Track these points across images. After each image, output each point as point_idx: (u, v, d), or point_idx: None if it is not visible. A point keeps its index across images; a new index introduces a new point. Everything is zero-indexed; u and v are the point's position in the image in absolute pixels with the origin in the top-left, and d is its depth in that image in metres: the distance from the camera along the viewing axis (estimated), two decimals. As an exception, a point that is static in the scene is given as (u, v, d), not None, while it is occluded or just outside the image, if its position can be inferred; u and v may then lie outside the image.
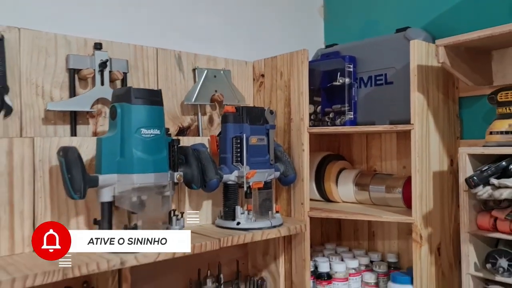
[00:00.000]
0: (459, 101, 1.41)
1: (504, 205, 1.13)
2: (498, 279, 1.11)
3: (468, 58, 1.23)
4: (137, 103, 0.99)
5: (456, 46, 1.16)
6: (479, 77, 1.27)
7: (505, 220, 1.11)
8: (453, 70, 1.20)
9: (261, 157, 1.26)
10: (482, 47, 1.24)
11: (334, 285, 1.40)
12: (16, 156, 0.97)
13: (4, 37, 1.05)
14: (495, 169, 1.09)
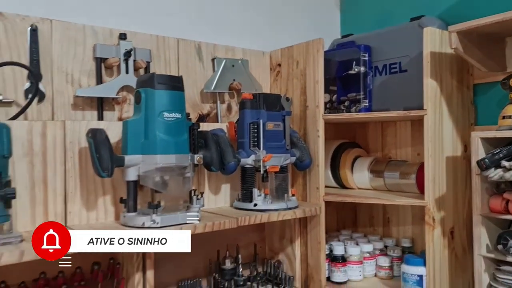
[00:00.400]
0: (473, 88, 1.43)
1: None
2: (509, 260, 1.14)
3: (482, 45, 1.25)
4: (160, 88, 1.05)
5: (468, 32, 1.19)
6: (493, 63, 1.29)
7: None
8: (466, 56, 1.22)
9: (277, 142, 1.31)
10: (496, 33, 1.26)
11: (349, 268, 1.44)
12: (49, 138, 1.04)
13: (38, 28, 1.12)
14: (506, 152, 1.11)
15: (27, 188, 1.01)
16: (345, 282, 1.44)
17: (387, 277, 1.47)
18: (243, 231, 1.48)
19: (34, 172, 1.03)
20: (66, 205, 1.07)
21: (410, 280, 1.31)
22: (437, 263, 1.28)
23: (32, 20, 1.13)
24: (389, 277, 1.47)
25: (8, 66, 1.05)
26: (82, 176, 1.09)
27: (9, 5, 1.11)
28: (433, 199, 1.27)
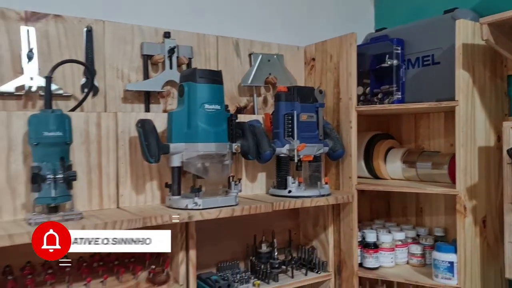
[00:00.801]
0: (507, 79, 1.44)
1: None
2: (539, 248, 1.16)
3: (511, 36, 1.26)
4: (201, 82, 1.15)
5: (500, 24, 1.20)
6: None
7: (547, 190, 1.15)
8: (497, 48, 1.24)
9: (311, 132, 1.38)
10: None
11: (381, 254, 1.49)
12: (103, 128, 1.16)
13: (92, 28, 1.24)
14: (537, 141, 1.13)
15: (84, 173, 1.13)
16: (377, 268, 1.48)
17: (419, 265, 1.51)
18: (279, 218, 1.56)
19: (90, 158, 1.15)
20: (118, 189, 1.19)
21: (441, 267, 1.34)
22: (468, 251, 1.31)
23: (88, 21, 1.25)
24: (421, 265, 1.50)
25: (67, 64, 1.17)
26: (132, 163, 1.20)
27: (68, 8, 1.24)
28: (465, 188, 1.30)
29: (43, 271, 1.12)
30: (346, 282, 1.49)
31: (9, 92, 1.13)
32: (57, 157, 1.00)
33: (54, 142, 1.00)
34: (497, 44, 1.23)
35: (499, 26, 1.21)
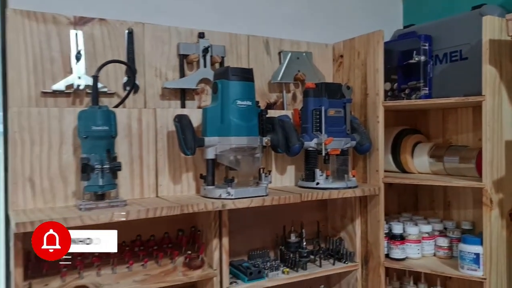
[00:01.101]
0: (536, 73, 1.45)
1: None
2: None
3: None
4: (233, 80, 1.22)
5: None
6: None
7: None
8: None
9: (338, 127, 1.43)
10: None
11: (407, 246, 1.53)
12: (143, 122, 1.26)
13: (133, 30, 1.34)
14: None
15: (127, 164, 1.23)
16: (404, 259, 1.52)
17: (446, 257, 1.54)
18: (307, 210, 1.63)
19: (132, 150, 1.25)
20: (157, 179, 1.28)
21: (467, 258, 1.37)
22: (494, 243, 1.33)
23: (129, 24, 1.34)
24: (447, 257, 1.53)
25: (110, 63, 1.27)
26: (169, 155, 1.29)
27: (111, 12, 1.34)
28: (491, 182, 1.32)
29: (89, 253, 1.23)
30: (372, 272, 1.54)
31: (60, 90, 1.24)
32: (103, 149, 1.10)
33: (101, 135, 1.10)
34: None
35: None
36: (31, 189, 1.13)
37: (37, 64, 1.23)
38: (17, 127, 1.12)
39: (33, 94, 1.22)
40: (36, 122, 1.14)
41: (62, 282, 1.14)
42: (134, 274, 1.22)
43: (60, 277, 1.14)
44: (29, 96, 1.21)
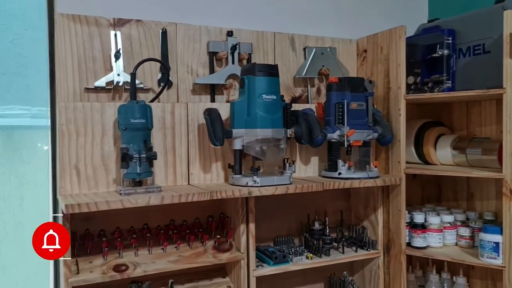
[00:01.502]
0: (560, 66, 1.46)
1: None
2: None
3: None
4: (259, 75, 1.31)
5: (546, 13, 1.24)
6: None
7: None
8: (543, 36, 1.28)
9: (360, 119, 1.49)
10: None
11: (428, 235, 1.58)
12: (176, 116, 1.36)
13: (167, 30, 1.44)
14: None
15: (161, 154, 1.34)
16: (425, 247, 1.57)
17: (467, 246, 1.57)
18: (331, 199, 1.70)
19: (166, 141, 1.35)
20: (189, 168, 1.38)
21: (487, 247, 1.41)
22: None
23: (163, 24, 1.45)
24: (469, 246, 1.57)
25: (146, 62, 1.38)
26: (200, 146, 1.39)
27: (146, 14, 1.45)
28: (511, 173, 1.35)
29: (128, 235, 1.35)
30: (394, 259, 1.59)
31: (101, 86, 1.36)
32: (141, 140, 1.21)
33: (138, 127, 1.21)
34: (543, 33, 1.26)
35: (545, 15, 1.25)
36: (77, 176, 1.25)
37: (81, 62, 1.35)
38: (64, 120, 1.24)
39: (78, 90, 1.34)
40: (80, 116, 1.26)
41: (104, 260, 1.26)
42: (168, 255, 1.32)
43: (102, 256, 1.26)
44: (74, 92, 1.34)
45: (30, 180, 1.53)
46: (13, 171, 1.53)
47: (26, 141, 1.53)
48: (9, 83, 1.52)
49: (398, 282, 1.58)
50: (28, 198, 1.53)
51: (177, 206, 1.40)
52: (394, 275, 1.60)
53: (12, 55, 1.53)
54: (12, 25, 1.54)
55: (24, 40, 1.52)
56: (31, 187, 1.54)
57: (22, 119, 1.58)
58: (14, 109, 1.57)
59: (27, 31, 1.53)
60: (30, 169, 1.53)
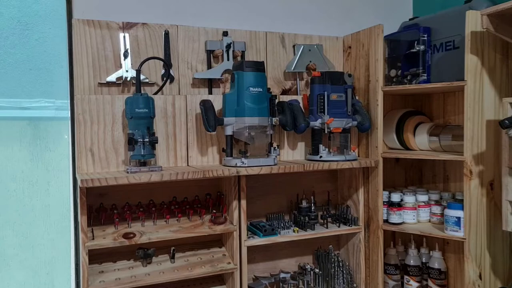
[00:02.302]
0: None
1: (537, 144, 1.37)
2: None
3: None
4: (247, 71, 1.51)
5: (499, 14, 1.40)
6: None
7: (536, 156, 1.35)
8: (498, 34, 1.44)
9: (340, 109, 1.68)
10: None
11: (404, 212, 1.76)
12: (176, 106, 1.57)
13: (169, 32, 1.65)
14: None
15: (164, 139, 1.56)
16: (400, 223, 1.76)
17: (439, 222, 1.75)
18: (319, 181, 1.89)
19: (168, 129, 1.57)
20: (188, 151, 1.60)
21: (450, 221, 1.59)
22: (473, 208, 1.54)
23: (165, 27, 1.66)
24: (440, 223, 1.74)
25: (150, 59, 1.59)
26: (197, 132, 1.60)
27: (151, 17, 1.65)
28: (471, 155, 1.52)
29: (136, 209, 1.57)
30: (373, 234, 1.78)
31: (112, 81, 1.58)
32: (145, 127, 1.43)
33: (142, 116, 1.42)
34: (497, 32, 1.43)
35: (498, 16, 1.41)
36: (92, 158, 1.48)
37: (95, 61, 1.57)
38: (81, 110, 1.47)
39: (92, 85, 1.57)
40: (94, 106, 1.49)
41: (115, 229, 1.49)
42: (170, 226, 1.55)
43: (114, 226, 1.49)
44: (89, 86, 1.56)
45: (55, 166, 1.73)
46: (40, 158, 1.72)
47: (51, 131, 1.72)
48: (35, 78, 1.73)
49: (376, 254, 1.77)
50: (54, 183, 1.73)
51: (179, 184, 1.63)
52: (373, 248, 1.79)
53: (37, 52, 1.72)
54: (38, 25, 1.72)
55: (48, 39, 1.70)
56: (56, 173, 1.74)
57: (47, 111, 1.78)
58: (40, 102, 1.78)
59: (51, 30, 1.71)
60: (54, 156, 1.72)
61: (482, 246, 1.56)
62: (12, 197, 1.66)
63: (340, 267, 1.80)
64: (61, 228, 1.70)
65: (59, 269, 1.71)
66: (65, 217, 1.70)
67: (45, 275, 1.70)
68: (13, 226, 1.66)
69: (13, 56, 1.69)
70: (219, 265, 1.59)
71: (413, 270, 1.86)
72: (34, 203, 1.68)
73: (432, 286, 1.82)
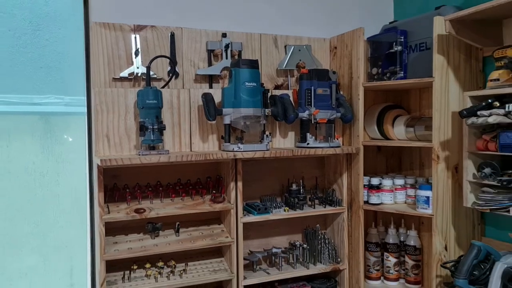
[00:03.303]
0: (483, 59, 1.84)
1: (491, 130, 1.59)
2: (484, 182, 1.59)
3: (476, 27, 1.67)
4: (243, 68, 1.73)
5: (460, 20, 1.63)
6: (488, 41, 1.70)
7: (491, 141, 1.58)
8: (459, 37, 1.66)
9: (325, 102, 1.90)
10: (491, 17, 1.66)
11: (382, 194, 1.98)
12: (181, 98, 1.80)
13: (174, 33, 1.87)
14: (481, 105, 1.56)
15: (170, 127, 1.78)
16: (379, 204, 1.98)
17: (413, 203, 1.97)
18: (309, 167, 2.12)
19: (174, 118, 1.79)
20: (191, 138, 1.82)
21: (421, 200, 1.82)
22: (440, 189, 1.76)
23: (171, 29, 1.88)
24: (414, 203, 1.96)
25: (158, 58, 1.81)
26: (199, 122, 1.83)
27: (159, 21, 1.88)
28: (438, 142, 1.75)
29: (146, 189, 1.79)
30: (355, 213, 2.01)
31: (125, 76, 1.80)
32: (154, 116, 1.65)
33: (152, 106, 1.65)
34: (458, 35, 1.65)
35: (459, 21, 1.64)
36: (107, 143, 1.70)
37: (109, 59, 1.79)
38: (98, 101, 1.69)
39: (107, 80, 1.79)
40: (109, 98, 1.71)
41: (127, 205, 1.71)
42: (175, 204, 1.77)
43: (126, 203, 1.72)
44: (105, 81, 1.78)
45: (64, 158, 1.92)
46: (50, 151, 1.90)
47: (60, 125, 1.90)
48: (46, 76, 1.90)
49: (357, 232, 2.00)
50: (63, 174, 1.92)
51: (183, 168, 1.85)
52: (355, 226, 2.01)
53: (48, 51, 1.89)
54: (48, 25, 1.88)
55: (58, 39, 1.87)
56: (65, 165, 1.92)
57: (57, 106, 1.96)
58: (50, 98, 1.96)
59: (61, 30, 1.87)
60: (64, 149, 1.90)
61: (447, 221, 1.78)
62: (24, 187, 1.84)
63: (326, 244, 2.03)
64: (71, 214, 1.91)
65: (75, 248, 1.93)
66: (73, 206, 1.90)
67: (59, 259, 1.90)
68: (25, 214, 1.85)
69: (25, 55, 1.87)
70: (218, 238, 1.81)
71: (392, 247, 2.09)
72: (44, 193, 1.87)
73: (408, 261, 2.05)
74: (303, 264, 1.99)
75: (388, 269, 2.09)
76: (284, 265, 1.98)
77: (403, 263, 2.10)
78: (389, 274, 2.09)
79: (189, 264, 1.83)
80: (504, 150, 1.53)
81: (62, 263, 1.94)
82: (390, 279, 2.09)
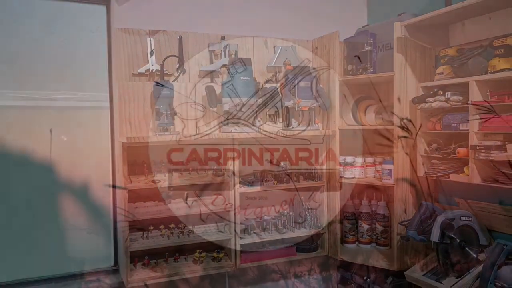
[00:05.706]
0: (435, 58, 2.24)
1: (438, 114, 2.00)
2: (433, 156, 2.00)
3: (428, 31, 2.07)
4: (238, 65, 2.12)
5: (414, 25, 2.03)
6: (437, 42, 2.10)
7: (437, 122, 1.98)
8: (412, 39, 2.06)
9: (307, 93, 2.30)
10: (439, 23, 2.07)
11: (355, 170, 2.39)
12: (188, 89, 2.19)
13: (182, 37, 2.27)
14: (428, 93, 1.97)
15: (179, 114, 2.17)
16: (352, 178, 2.38)
17: (380, 177, 2.37)
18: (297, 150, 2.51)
19: (182, 106, 2.18)
20: (196, 123, 2.22)
21: (385, 172, 2.22)
22: (400, 163, 2.16)
23: (179, 33, 2.27)
24: (381, 177, 2.37)
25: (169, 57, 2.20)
26: (203, 109, 2.22)
27: (168, 26, 2.27)
28: (398, 124, 2.15)
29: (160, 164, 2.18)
30: (332, 187, 2.41)
31: (142, 72, 2.19)
32: (167, 104, 2.04)
33: (166, 96, 2.04)
34: (413, 37, 2.05)
35: (413, 26, 2.04)
36: (130, 126, 2.10)
37: (129, 58, 2.18)
38: (122, 92, 2.08)
39: (128, 75, 2.18)
40: (130, 90, 2.10)
41: (145, 177, 2.10)
42: (184, 176, 2.16)
43: (144, 175, 2.11)
44: (125, 76, 2.17)
45: (80, 147, 2.23)
46: (67, 142, 2.20)
47: (74, 118, 2.21)
48: (60, 74, 2.19)
49: (334, 202, 2.40)
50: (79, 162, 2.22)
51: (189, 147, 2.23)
52: (333, 197, 2.41)
53: (62, 52, 2.19)
54: (63, 28, 2.16)
55: (72, 40, 2.19)
56: (81, 152, 2.22)
57: (71, 102, 2.28)
58: (64, 94, 2.29)
59: (75, 32, 2.20)
60: (79, 139, 2.23)
61: (406, 189, 2.19)
62: (44, 177, 2.17)
63: (309, 212, 2.43)
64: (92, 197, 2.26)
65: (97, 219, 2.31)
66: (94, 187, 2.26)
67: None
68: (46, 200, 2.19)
69: (42, 55, 2.14)
70: (220, 205, 2.21)
71: (364, 216, 2.49)
72: (64, 180, 2.21)
73: (378, 227, 2.45)
74: (290, 229, 2.39)
75: (362, 234, 2.49)
76: (273, 230, 2.37)
77: (374, 229, 2.49)
78: (363, 239, 2.49)
79: (195, 227, 2.23)
80: (446, 128, 1.94)
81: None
82: (364, 242, 2.49)
